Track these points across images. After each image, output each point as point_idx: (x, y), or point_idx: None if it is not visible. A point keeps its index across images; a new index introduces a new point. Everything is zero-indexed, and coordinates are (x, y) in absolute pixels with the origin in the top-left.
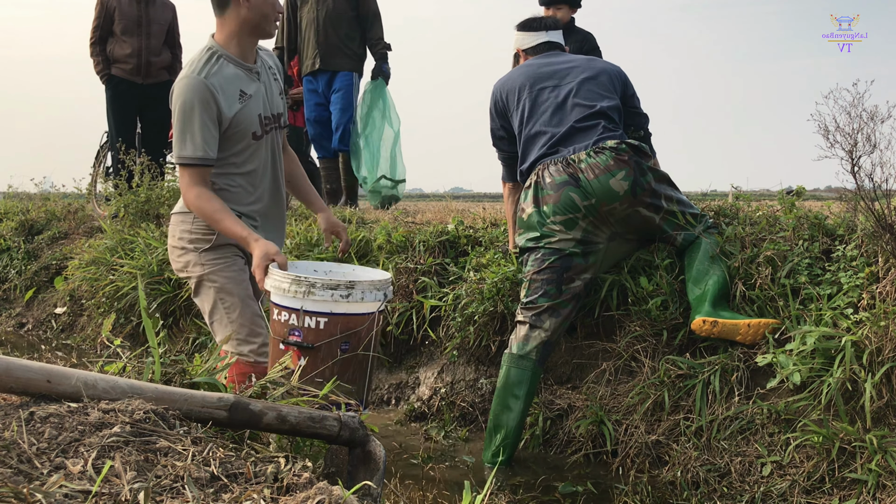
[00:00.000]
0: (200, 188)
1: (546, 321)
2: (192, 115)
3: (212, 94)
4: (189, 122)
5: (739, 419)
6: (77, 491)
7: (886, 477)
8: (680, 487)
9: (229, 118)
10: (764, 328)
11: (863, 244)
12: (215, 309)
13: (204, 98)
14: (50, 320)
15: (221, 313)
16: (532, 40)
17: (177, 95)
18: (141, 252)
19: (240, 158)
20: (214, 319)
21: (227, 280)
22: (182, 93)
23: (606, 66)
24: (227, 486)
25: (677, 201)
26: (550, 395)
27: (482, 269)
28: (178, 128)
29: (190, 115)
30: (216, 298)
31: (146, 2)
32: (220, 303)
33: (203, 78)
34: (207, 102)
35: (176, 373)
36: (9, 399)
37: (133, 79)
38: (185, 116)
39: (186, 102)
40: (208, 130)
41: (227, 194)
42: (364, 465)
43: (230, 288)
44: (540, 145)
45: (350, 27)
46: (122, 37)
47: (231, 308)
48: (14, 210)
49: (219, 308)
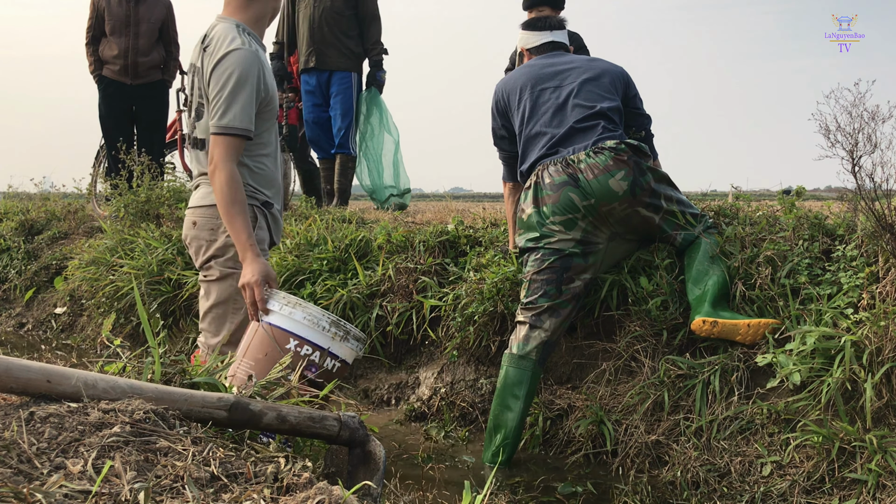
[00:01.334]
0: (235, 168)
1: (546, 321)
2: (244, 86)
3: (264, 69)
4: (240, 93)
5: (739, 419)
6: (77, 491)
7: (886, 477)
8: (680, 487)
9: (271, 95)
10: (764, 328)
11: (863, 244)
12: (224, 304)
13: (259, 72)
14: (50, 320)
15: (228, 310)
16: (536, 40)
17: (230, 65)
18: (141, 252)
19: (268, 137)
20: (216, 313)
21: None
22: (238, 63)
23: (609, 66)
24: (227, 486)
25: (677, 201)
26: (550, 395)
27: (482, 269)
28: (225, 97)
29: (243, 85)
30: (232, 295)
31: (135, 1)
32: (234, 301)
33: (255, 52)
34: (260, 77)
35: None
36: (9, 399)
37: (122, 80)
38: (238, 87)
39: (243, 73)
40: (252, 105)
41: (258, 177)
42: (364, 465)
43: None
44: (540, 146)
45: (348, 26)
46: (110, 37)
47: (238, 311)
48: (14, 210)
49: (228, 306)
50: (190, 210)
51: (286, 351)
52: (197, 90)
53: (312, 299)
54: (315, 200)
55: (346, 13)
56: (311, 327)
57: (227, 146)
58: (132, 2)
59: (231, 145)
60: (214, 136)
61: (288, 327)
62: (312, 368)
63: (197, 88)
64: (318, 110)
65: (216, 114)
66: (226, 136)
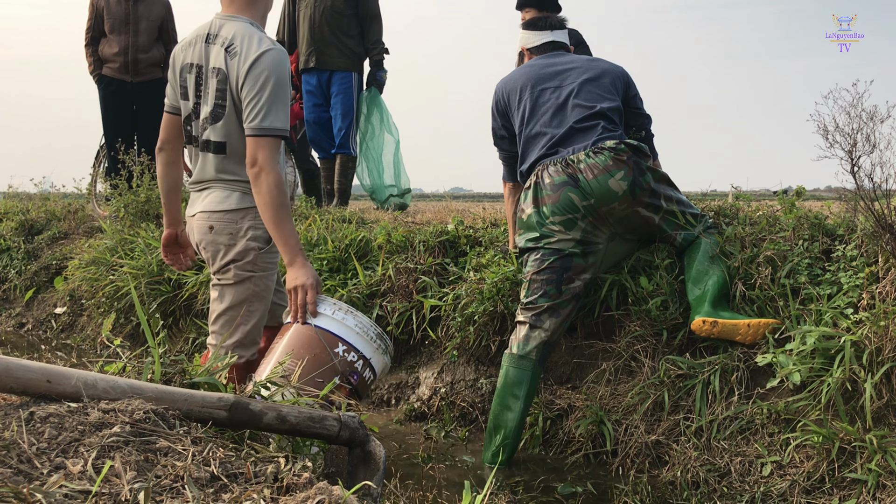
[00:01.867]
0: (279, 170)
1: (546, 321)
2: (284, 87)
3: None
4: (282, 94)
5: (739, 419)
6: (77, 491)
7: (886, 477)
8: (680, 487)
9: None
10: (764, 328)
11: (863, 244)
12: (238, 308)
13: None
14: (50, 320)
15: (242, 311)
16: (537, 39)
17: (269, 65)
18: (141, 252)
19: None
20: (230, 315)
21: (265, 289)
22: (277, 64)
23: (609, 66)
24: (227, 486)
25: (677, 201)
26: (550, 395)
27: (482, 269)
28: (267, 98)
29: (284, 87)
30: (248, 298)
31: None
32: (248, 304)
33: (285, 52)
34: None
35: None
36: (9, 399)
37: (122, 77)
38: (279, 88)
39: (283, 75)
40: (288, 106)
41: None
42: (364, 465)
43: (263, 296)
44: (540, 146)
45: (349, 26)
46: (110, 36)
47: (252, 314)
48: (14, 210)
49: (243, 307)
50: (203, 214)
51: (335, 355)
52: (215, 91)
53: None
54: (315, 200)
55: (347, 13)
56: (360, 335)
57: (273, 148)
58: (130, 1)
59: (275, 147)
60: (257, 137)
61: (338, 332)
62: (354, 376)
63: (215, 91)
64: (319, 110)
65: (257, 115)
66: (269, 138)
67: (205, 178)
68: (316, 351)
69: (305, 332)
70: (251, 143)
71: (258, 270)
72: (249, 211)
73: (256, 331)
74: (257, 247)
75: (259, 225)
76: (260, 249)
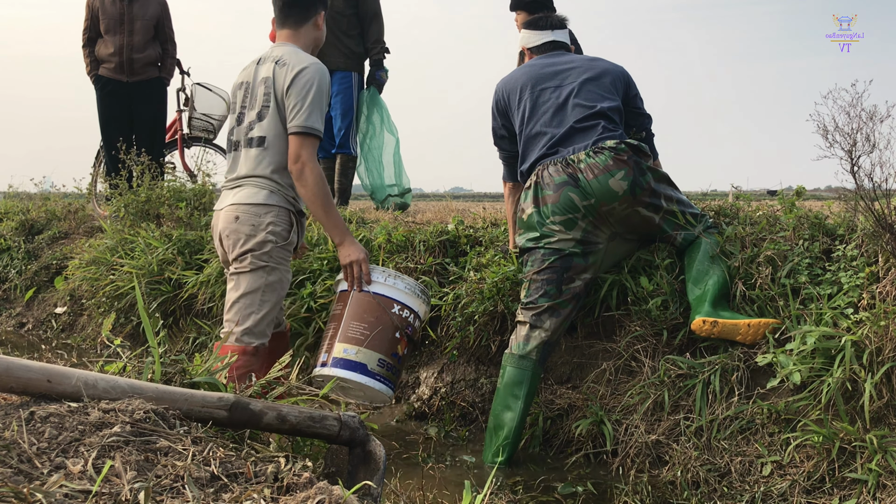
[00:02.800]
0: (319, 166)
1: (546, 321)
2: (324, 96)
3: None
4: (320, 100)
5: (739, 419)
6: (77, 491)
7: (886, 477)
8: (680, 487)
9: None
10: (764, 328)
11: (863, 244)
12: (253, 294)
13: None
14: (50, 320)
15: (256, 300)
16: (537, 39)
17: (312, 75)
18: (141, 252)
19: None
20: (242, 301)
21: (280, 278)
22: (320, 75)
23: (609, 66)
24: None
25: (677, 201)
26: (550, 395)
27: (482, 269)
28: (310, 102)
29: (323, 95)
30: (263, 286)
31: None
32: (262, 293)
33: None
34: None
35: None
36: (9, 399)
37: (118, 77)
38: (319, 94)
39: (324, 84)
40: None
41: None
42: (364, 464)
43: (277, 286)
44: (540, 146)
45: (348, 25)
46: (105, 36)
47: (265, 304)
48: (14, 210)
49: (257, 295)
50: (232, 206)
51: (393, 314)
52: (262, 96)
53: (312, 299)
54: None
55: (347, 13)
56: (409, 294)
57: (313, 146)
58: (125, 0)
59: (315, 145)
60: (300, 136)
61: (392, 295)
62: (409, 328)
63: (262, 95)
64: None
65: (300, 115)
66: (311, 137)
67: (239, 176)
68: (378, 313)
69: (365, 299)
70: (295, 141)
71: (272, 262)
72: (273, 208)
73: (267, 321)
74: (275, 240)
75: (280, 222)
76: (276, 244)
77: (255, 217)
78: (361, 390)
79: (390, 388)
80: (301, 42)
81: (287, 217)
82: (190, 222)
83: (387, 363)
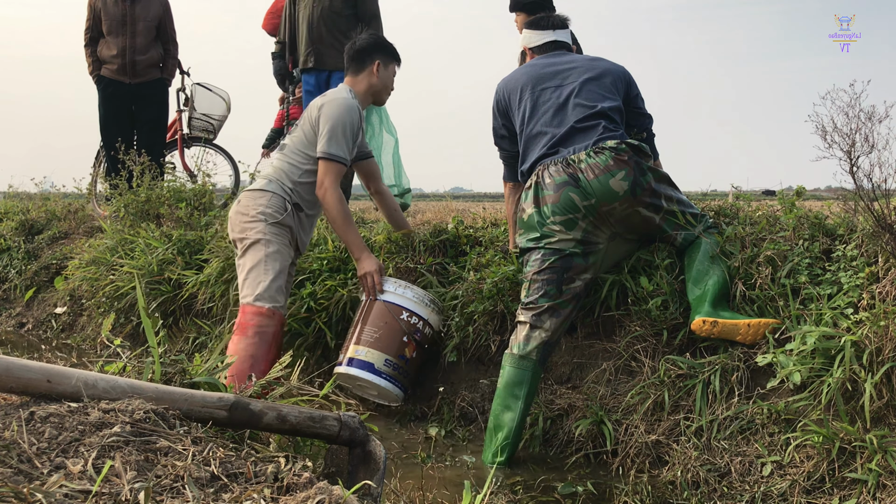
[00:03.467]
0: (340, 190)
1: (546, 321)
2: (348, 126)
3: (361, 119)
4: (345, 130)
5: (739, 419)
6: (77, 491)
7: (886, 477)
8: (680, 487)
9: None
10: (764, 328)
11: (863, 244)
12: (257, 266)
13: (358, 119)
14: (50, 320)
15: (260, 270)
16: (539, 39)
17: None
18: (141, 252)
19: None
20: (250, 276)
21: (278, 249)
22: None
23: (610, 66)
24: (227, 486)
25: (677, 201)
26: (550, 395)
27: (482, 269)
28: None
29: (347, 124)
30: (263, 257)
31: (131, 0)
32: (264, 263)
33: (357, 104)
34: (358, 123)
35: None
36: (9, 399)
37: (121, 79)
38: (343, 125)
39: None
40: (350, 142)
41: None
42: (364, 464)
43: (277, 256)
44: (540, 146)
45: (347, 26)
46: (108, 37)
47: (269, 271)
48: (14, 210)
49: (260, 266)
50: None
51: (401, 321)
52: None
53: (312, 299)
54: None
55: (346, 13)
56: (417, 302)
57: (335, 172)
58: (128, 1)
59: (338, 171)
60: (324, 161)
61: (401, 303)
62: (417, 333)
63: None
64: None
65: (325, 142)
66: (333, 163)
67: (261, 177)
68: (387, 319)
69: (377, 306)
70: (320, 167)
71: (267, 236)
72: (267, 194)
73: (276, 286)
74: (265, 219)
75: (271, 205)
76: (266, 221)
77: (252, 201)
78: (373, 388)
79: (397, 387)
80: (358, 87)
81: (280, 203)
82: (190, 222)
83: (393, 363)
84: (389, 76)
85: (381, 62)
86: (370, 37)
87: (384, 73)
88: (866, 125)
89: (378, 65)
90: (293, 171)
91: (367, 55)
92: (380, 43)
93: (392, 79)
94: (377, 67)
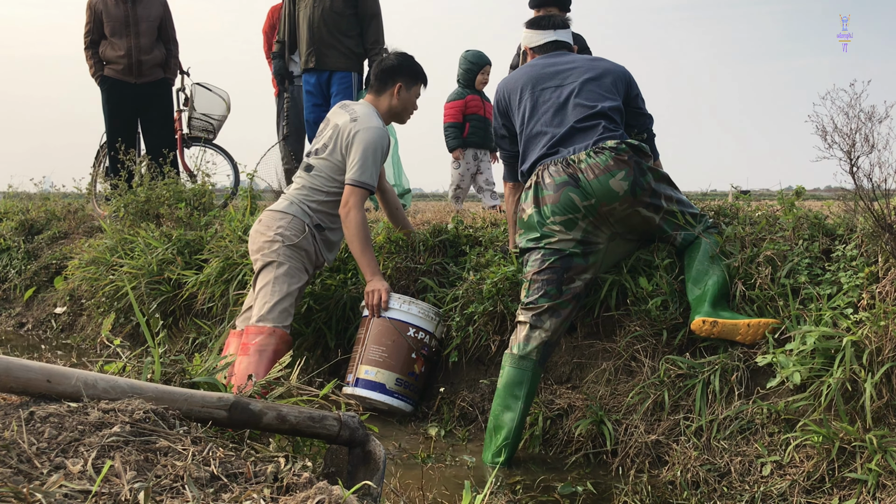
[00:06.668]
0: (363, 213)
1: (546, 321)
2: (378, 153)
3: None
4: (374, 157)
5: (739, 419)
6: (77, 491)
7: (886, 477)
8: (680, 487)
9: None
10: (764, 328)
11: (863, 244)
12: (265, 286)
13: (388, 145)
14: (50, 320)
15: (268, 291)
16: (539, 39)
17: (374, 137)
18: (141, 252)
19: None
20: (259, 297)
21: (291, 271)
22: (380, 138)
23: (611, 66)
24: (227, 486)
25: (677, 201)
26: (550, 395)
27: (482, 269)
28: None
29: (378, 152)
30: (273, 279)
31: (132, 1)
32: (272, 284)
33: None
34: (386, 149)
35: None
36: (9, 399)
37: (126, 79)
38: (373, 152)
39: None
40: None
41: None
42: (364, 464)
43: (285, 279)
44: (540, 146)
45: (348, 26)
46: (111, 38)
47: (277, 291)
48: (14, 210)
49: (268, 287)
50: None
51: (408, 337)
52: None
53: (313, 299)
54: None
55: (346, 13)
56: (423, 318)
57: (361, 196)
58: (129, 2)
59: (363, 196)
60: (353, 187)
61: (407, 320)
62: (425, 348)
63: (328, 137)
64: (319, 110)
65: (355, 170)
66: (359, 188)
67: (284, 198)
68: (394, 337)
69: (383, 324)
70: (347, 190)
71: (280, 258)
72: (287, 216)
73: (280, 308)
74: (282, 241)
75: (290, 227)
76: (283, 243)
77: (273, 221)
78: (384, 406)
79: (408, 404)
80: (379, 106)
81: (299, 226)
82: (189, 222)
83: (404, 381)
84: (411, 99)
85: (404, 84)
86: (397, 58)
87: (405, 96)
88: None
89: (399, 87)
90: (318, 194)
91: (389, 77)
92: (405, 65)
93: (414, 101)
94: (398, 90)
